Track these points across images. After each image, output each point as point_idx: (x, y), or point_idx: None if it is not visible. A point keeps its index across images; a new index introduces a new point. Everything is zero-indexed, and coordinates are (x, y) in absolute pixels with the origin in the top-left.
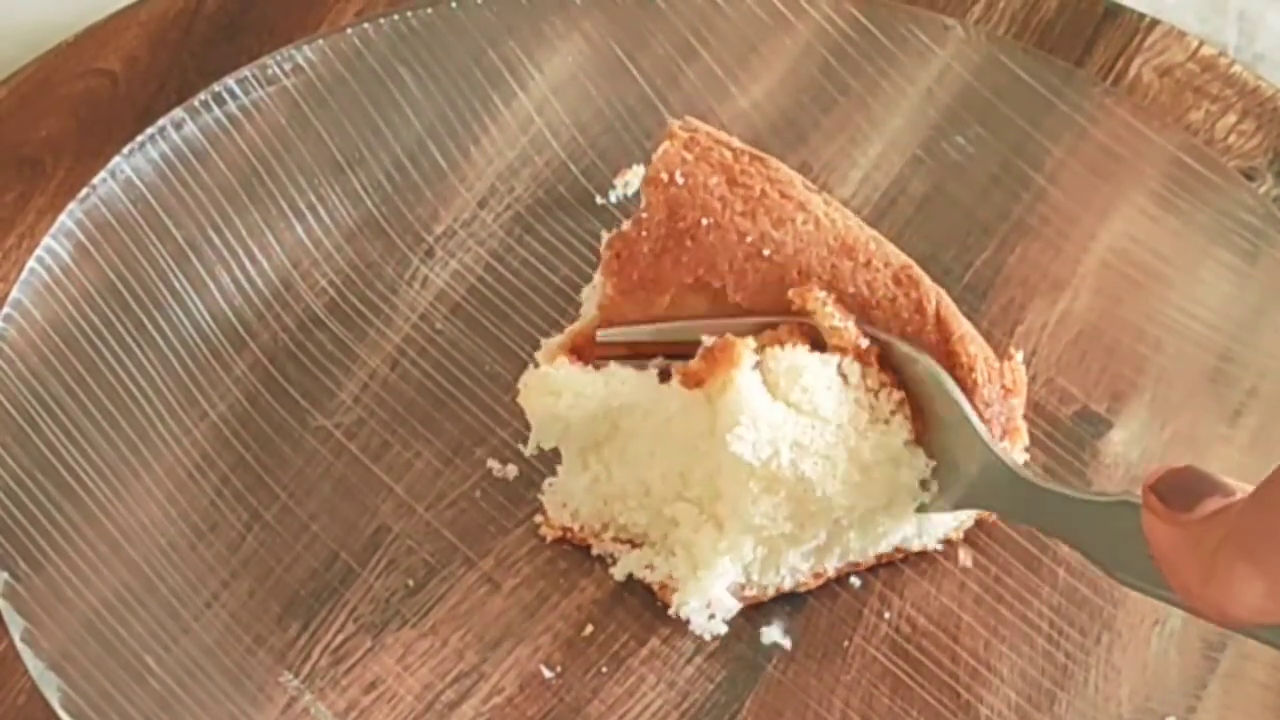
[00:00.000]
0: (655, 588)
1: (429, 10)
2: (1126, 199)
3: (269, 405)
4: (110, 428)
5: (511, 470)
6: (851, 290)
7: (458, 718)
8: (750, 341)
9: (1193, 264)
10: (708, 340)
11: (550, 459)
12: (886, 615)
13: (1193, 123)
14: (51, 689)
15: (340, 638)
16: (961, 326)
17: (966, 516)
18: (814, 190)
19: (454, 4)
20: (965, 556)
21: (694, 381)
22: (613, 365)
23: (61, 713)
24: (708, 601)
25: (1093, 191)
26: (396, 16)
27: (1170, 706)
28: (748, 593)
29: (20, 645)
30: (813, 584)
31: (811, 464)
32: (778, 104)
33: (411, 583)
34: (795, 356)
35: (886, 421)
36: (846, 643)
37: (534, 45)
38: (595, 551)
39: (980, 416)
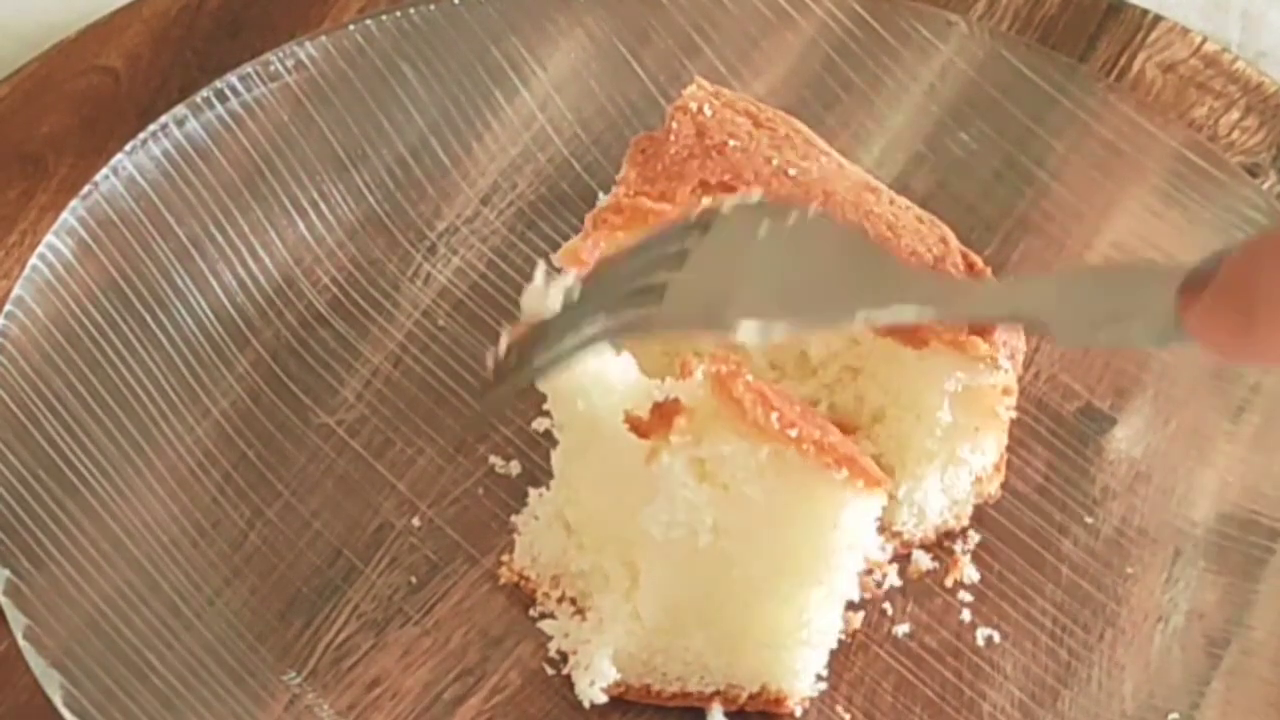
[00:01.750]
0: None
1: (431, 7)
2: (1130, 195)
3: (271, 402)
4: (113, 425)
5: (515, 466)
6: (877, 211)
7: (461, 715)
8: (683, 423)
9: (1196, 258)
10: (658, 394)
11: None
12: (889, 612)
13: (1196, 119)
14: (54, 686)
15: (343, 635)
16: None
17: (963, 501)
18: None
19: (457, 0)
20: (968, 570)
21: (639, 432)
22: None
23: (64, 710)
24: (589, 663)
25: (1096, 188)
26: (399, 13)
27: (1173, 703)
28: (643, 678)
29: (23, 643)
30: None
31: (731, 543)
32: (781, 100)
33: (414, 580)
34: (724, 445)
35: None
36: (849, 639)
37: (536, 42)
38: (533, 612)
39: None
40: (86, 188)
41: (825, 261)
